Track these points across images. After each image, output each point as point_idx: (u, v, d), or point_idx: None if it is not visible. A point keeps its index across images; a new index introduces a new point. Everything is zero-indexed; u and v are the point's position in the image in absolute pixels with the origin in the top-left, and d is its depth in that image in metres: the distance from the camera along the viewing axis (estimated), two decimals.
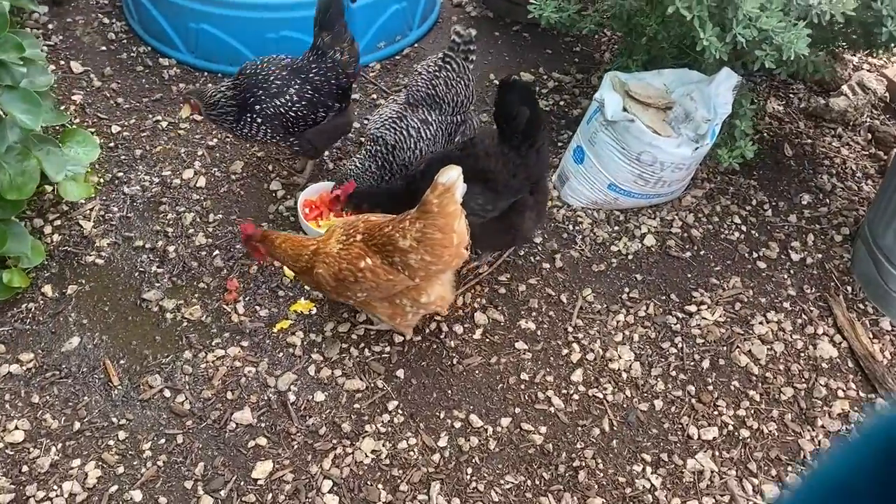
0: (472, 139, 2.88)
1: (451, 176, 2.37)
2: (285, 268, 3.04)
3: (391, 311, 2.65)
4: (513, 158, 2.73)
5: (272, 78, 3.09)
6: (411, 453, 2.64)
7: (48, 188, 3.31)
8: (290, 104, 3.07)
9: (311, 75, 3.11)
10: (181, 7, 3.86)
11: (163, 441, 2.61)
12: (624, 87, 3.31)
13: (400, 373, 2.85)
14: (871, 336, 3.12)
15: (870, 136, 4.11)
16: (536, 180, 2.87)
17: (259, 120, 3.08)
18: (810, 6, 2.57)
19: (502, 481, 2.60)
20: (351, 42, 3.14)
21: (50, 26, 4.21)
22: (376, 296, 2.60)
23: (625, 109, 3.22)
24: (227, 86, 3.11)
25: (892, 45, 2.95)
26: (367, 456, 2.62)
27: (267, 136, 3.14)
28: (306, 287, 3.05)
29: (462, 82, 3.16)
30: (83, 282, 3.03)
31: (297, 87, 3.08)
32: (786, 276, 3.33)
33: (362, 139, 3.63)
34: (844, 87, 4.29)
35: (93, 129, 3.62)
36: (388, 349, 2.91)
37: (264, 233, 2.68)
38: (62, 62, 3.98)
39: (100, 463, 2.54)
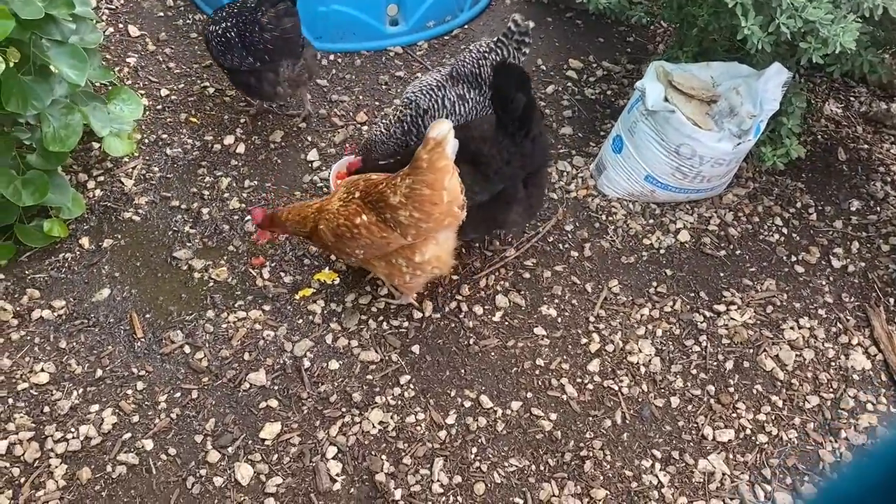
0: (470, 122, 2.84)
1: (442, 130, 2.35)
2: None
3: (388, 271, 2.67)
4: (507, 146, 2.68)
5: (226, 8, 3.36)
6: (418, 428, 2.65)
7: (95, 145, 3.41)
8: (213, 34, 3.32)
9: (239, 20, 3.29)
10: None
11: (178, 395, 2.68)
12: (668, 77, 3.24)
13: (416, 348, 2.86)
14: None
15: None
16: (532, 171, 2.81)
17: (202, 37, 3.46)
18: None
19: (506, 464, 2.58)
20: (282, 14, 3.22)
21: None
22: (373, 253, 2.63)
23: (666, 100, 3.15)
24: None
25: None
26: (374, 427, 2.63)
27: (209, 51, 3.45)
28: (331, 257, 3.08)
29: None
30: (119, 237, 3.13)
31: (228, 23, 3.30)
32: (824, 283, 3.21)
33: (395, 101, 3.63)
34: None
35: (143, 91, 3.72)
36: (406, 324, 2.92)
37: (270, 214, 2.74)
38: (121, 25, 4.09)
39: (117, 410, 2.62)
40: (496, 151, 2.67)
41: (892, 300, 3.16)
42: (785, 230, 3.40)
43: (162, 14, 4.22)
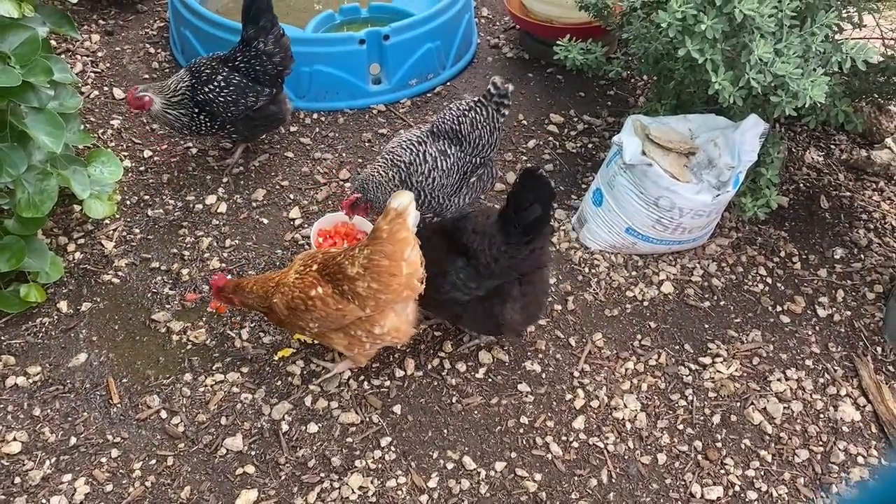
0: (469, 213, 2.81)
1: (403, 201, 2.33)
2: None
3: (347, 342, 2.61)
4: (498, 244, 2.60)
5: (203, 68, 3.41)
6: (399, 492, 2.58)
7: (77, 207, 3.41)
8: (214, 92, 3.36)
9: (237, 63, 3.41)
10: (220, 39, 3.98)
11: (153, 462, 2.61)
12: (645, 130, 3.26)
13: (397, 408, 2.81)
14: None
15: None
16: (524, 274, 2.72)
17: (196, 111, 3.37)
18: (831, 52, 2.48)
19: None
20: (279, 36, 3.42)
21: (99, 54, 4.39)
22: (328, 326, 2.56)
23: (644, 153, 3.16)
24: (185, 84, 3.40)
25: None
26: (353, 492, 2.57)
27: (205, 124, 3.42)
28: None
29: (487, 128, 3.14)
30: (98, 300, 3.10)
31: (225, 72, 3.39)
32: (810, 333, 3.18)
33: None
34: (888, 140, 4.13)
35: (126, 153, 3.74)
36: (387, 383, 2.88)
37: (236, 282, 2.70)
38: (105, 88, 4.14)
39: (90, 479, 2.55)
40: (486, 246, 2.61)
41: (879, 349, 3.13)
42: (769, 280, 3.38)
43: (147, 76, 4.27)
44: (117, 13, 4.71)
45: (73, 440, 2.65)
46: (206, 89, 3.35)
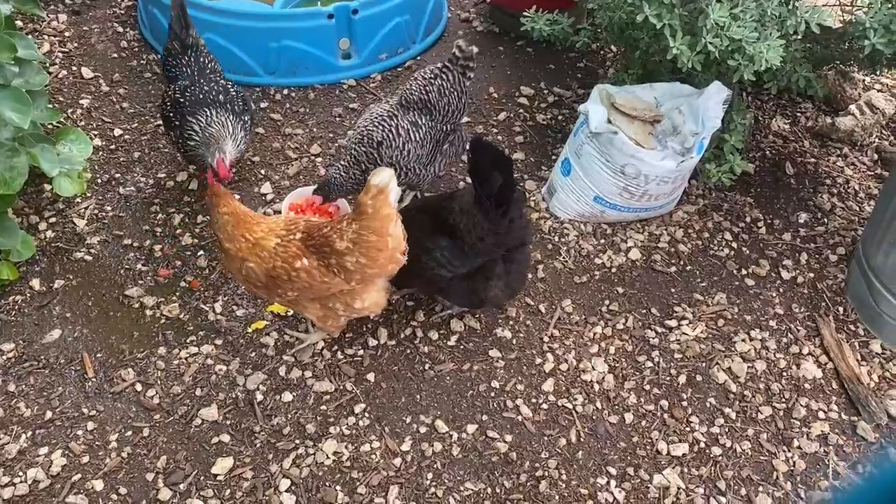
0: (455, 192, 2.83)
1: (383, 178, 2.35)
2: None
3: (322, 313, 2.63)
4: (481, 222, 2.62)
5: (212, 90, 3.25)
6: (373, 456, 2.64)
7: (47, 187, 3.41)
8: (235, 94, 3.30)
9: (215, 66, 3.41)
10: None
11: (129, 433, 2.65)
12: (611, 99, 3.30)
13: (370, 376, 2.86)
14: (858, 358, 3.03)
15: (876, 156, 4.02)
16: (509, 249, 2.75)
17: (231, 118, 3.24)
18: (786, 16, 2.53)
19: (462, 488, 2.58)
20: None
21: (67, 34, 4.36)
22: (307, 296, 2.57)
23: (609, 122, 3.21)
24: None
25: (877, 59, 2.89)
26: (328, 457, 2.62)
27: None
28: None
29: (455, 93, 3.17)
30: (70, 277, 3.11)
31: (224, 81, 3.34)
32: (774, 295, 3.26)
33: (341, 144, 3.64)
34: (852, 107, 4.20)
35: (96, 132, 3.74)
36: (360, 352, 2.92)
37: (219, 191, 2.52)
38: (74, 68, 4.12)
39: (66, 452, 2.58)
40: (472, 226, 2.64)
41: (840, 309, 3.21)
42: (735, 244, 3.45)
43: (116, 55, 4.25)
44: None
45: (49, 414, 2.68)
46: (227, 98, 3.26)
